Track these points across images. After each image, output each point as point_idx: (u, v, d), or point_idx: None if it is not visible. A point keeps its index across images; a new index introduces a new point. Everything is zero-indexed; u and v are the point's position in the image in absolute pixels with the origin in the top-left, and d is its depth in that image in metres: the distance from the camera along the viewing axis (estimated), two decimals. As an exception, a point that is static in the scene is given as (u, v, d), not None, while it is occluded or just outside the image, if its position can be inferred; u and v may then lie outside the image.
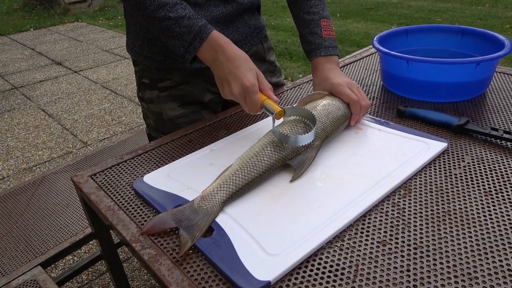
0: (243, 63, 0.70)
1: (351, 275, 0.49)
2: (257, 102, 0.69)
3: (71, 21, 6.60)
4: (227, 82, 0.71)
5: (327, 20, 0.87)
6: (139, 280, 1.57)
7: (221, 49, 0.72)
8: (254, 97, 0.69)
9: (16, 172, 2.38)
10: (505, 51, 0.85)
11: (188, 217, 0.58)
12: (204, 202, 0.60)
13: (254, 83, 0.69)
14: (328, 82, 0.81)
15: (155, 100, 0.95)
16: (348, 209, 0.58)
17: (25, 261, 1.02)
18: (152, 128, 1.01)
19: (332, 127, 0.74)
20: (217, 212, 0.59)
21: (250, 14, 0.95)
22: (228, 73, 0.70)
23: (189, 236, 0.55)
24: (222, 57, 0.72)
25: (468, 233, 0.54)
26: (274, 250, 0.52)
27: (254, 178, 0.64)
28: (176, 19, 0.73)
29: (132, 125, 2.84)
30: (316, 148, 0.70)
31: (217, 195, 0.61)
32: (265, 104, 0.70)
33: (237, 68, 0.70)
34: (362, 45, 4.10)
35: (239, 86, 0.69)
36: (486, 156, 0.70)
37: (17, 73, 4.15)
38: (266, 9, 6.32)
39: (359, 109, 0.78)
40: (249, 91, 0.68)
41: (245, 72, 0.69)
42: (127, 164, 0.77)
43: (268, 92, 0.71)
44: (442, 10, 5.32)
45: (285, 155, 0.67)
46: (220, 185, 0.62)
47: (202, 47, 0.73)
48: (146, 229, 0.58)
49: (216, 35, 0.74)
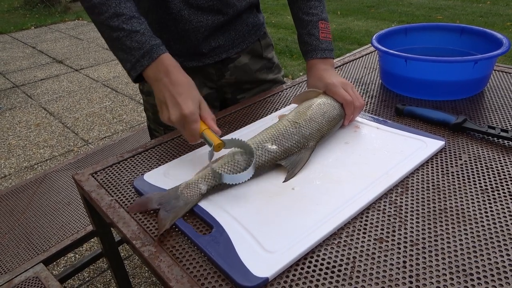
0: (185, 90, 0.68)
1: (348, 272, 0.50)
2: (196, 131, 0.66)
3: (72, 19, 6.60)
4: (166, 107, 0.68)
5: (325, 22, 0.88)
6: (140, 277, 1.59)
7: (166, 71, 0.69)
8: (193, 126, 0.66)
9: (17, 170, 2.39)
10: (503, 49, 0.85)
11: (169, 201, 0.62)
12: (186, 189, 0.63)
13: (193, 111, 0.66)
14: (323, 82, 0.81)
15: (152, 92, 0.96)
16: (346, 206, 0.59)
17: (27, 258, 1.03)
18: (151, 120, 1.03)
19: (327, 126, 0.74)
20: (196, 201, 0.62)
21: (249, 13, 0.96)
22: (169, 98, 0.67)
23: (166, 219, 0.59)
24: (165, 80, 0.69)
25: (464, 230, 0.55)
26: (272, 247, 0.53)
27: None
28: (130, 32, 0.70)
29: (133, 123, 2.85)
30: (310, 149, 0.70)
31: (199, 185, 0.63)
32: (204, 135, 0.67)
33: (179, 95, 0.67)
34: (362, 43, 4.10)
35: (178, 114, 0.66)
36: (483, 154, 0.71)
37: (18, 72, 4.15)
38: (266, 7, 6.31)
39: (353, 109, 0.78)
40: (188, 120, 0.66)
41: (186, 99, 0.67)
42: (128, 162, 0.78)
43: (209, 122, 0.68)
44: (443, 8, 5.31)
45: (275, 156, 0.68)
46: (205, 176, 0.64)
47: (149, 66, 0.70)
48: (131, 207, 0.62)
49: (166, 57, 0.71)
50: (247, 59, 1.01)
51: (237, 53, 0.98)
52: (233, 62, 0.99)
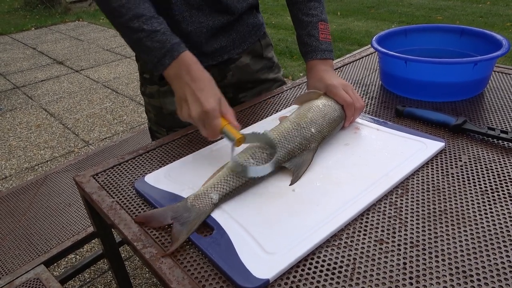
0: (207, 86, 0.68)
1: (348, 273, 0.50)
2: (217, 127, 0.66)
3: (72, 20, 6.61)
4: (186, 103, 0.68)
5: (325, 23, 0.88)
6: (140, 278, 1.59)
7: (187, 68, 0.70)
8: (214, 121, 0.66)
9: (18, 171, 2.39)
10: (502, 51, 0.85)
11: (181, 215, 0.59)
12: (197, 201, 0.61)
13: (215, 107, 0.66)
14: (323, 83, 0.81)
15: (155, 94, 0.97)
16: (346, 208, 0.59)
17: (28, 259, 1.03)
18: (153, 122, 1.03)
19: (328, 128, 0.74)
20: (209, 211, 0.60)
21: (249, 13, 0.97)
22: (190, 94, 0.68)
23: (180, 233, 0.57)
24: (186, 77, 0.69)
25: (464, 231, 0.55)
26: (273, 248, 0.53)
27: (248, 180, 0.64)
28: (150, 32, 0.70)
29: (134, 124, 2.85)
30: (313, 151, 0.71)
31: (210, 195, 0.62)
32: (225, 130, 0.67)
33: (200, 91, 0.67)
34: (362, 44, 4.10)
35: (199, 110, 0.66)
36: (483, 155, 0.71)
37: (18, 73, 4.16)
38: (266, 7, 6.32)
39: (353, 111, 0.78)
40: (209, 115, 0.66)
41: (207, 95, 0.67)
42: (129, 164, 0.78)
43: (229, 118, 0.68)
44: (443, 8, 5.31)
45: (279, 158, 0.68)
46: (214, 185, 0.63)
47: (171, 65, 0.71)
48: (142, 220, 0.61)
49: (187, 55, 0.71)
50: (248, 59, 1.02)
51: (238, 54, 0.98)
52: (235, 63, 0.99)
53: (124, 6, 0.71)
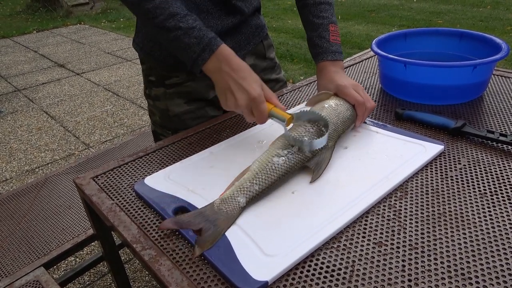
0: (248, 74, 0.71)
1: (347, 275, 0.50)
2: (265, 111, 0.69)
3: (74, 24, 6.63)
4: (231, 93, 0.70)
5: (335, 26, 0.89)
6: (140, 281, 1.59)
7: (226, 59, 0.72)
8: (261, 106, 0.69)
9: (18, 174, 2.40)
10: (502, 54, 0.86)
11: (208, 219, 0.58)
12: (224, 205, 0.60)
13: (260, 93, 0.69)
14: (334, 83, 0.82)
15: (161, 97, 0.97)
16: (345, 210, 0.59)
17: (28, 262, 1.03)
18: (158, 125, 1.03)
19: (343, 127, 0.75)
20: (237, 215, 0.59)
21: (252, 16, 0.98)
22: (233, 84, 0.70)
23: (208, 238, 0.55)
24: (226, 68, 0.71)
25: (463, 234, 0.55)
26: (272, 251, 0.53)
27: (274, 181, 0.64)
28: (186, 29, 0.72)
29: (134, 127, 2.86)
30: (331, 149, 0.72)
31: (238, 198, 0.61)
32: (273, 113, 0.70)
33: (242, 79, 0.70)
34: (363, 47, 4.11)
35: (245, 97, 0.69)
36: (482, 158, 0.71)
37: (20, 75, 4.17)
38: (267, 11, 6.34)
39: (364, 110, 0.79)
40: (256, 101, 0.68)
41: (251, 82, 0.70)
42: (129, 166, 0.78)
43: (274, 101, 0.71)
44: (443, 12, 5.32)
45: (303, 158, 0.68)
46: (241, 188, 0.62)
47: (210, 59, 0.73)
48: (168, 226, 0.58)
49: (224, 47, 0.73)
50: (252, 60, 1.03)
51: (243, 55, 0.99)
52: None
53: (158, 7, 0.72)
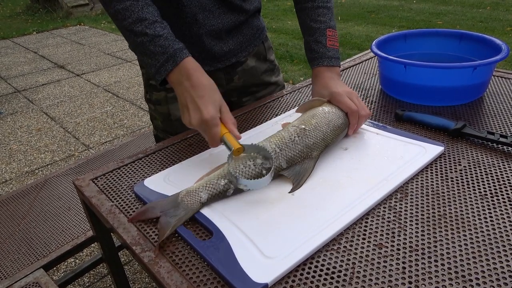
0: (206, 93, 0.68)
1: (347, 277, 0.50)
2: (216, 136, 0.67)
3: (74, 25, 6.64)
4: (187, 110, 0.69)
5: (333, 30, 0.87)
6: (140, 282, 1.58)
7: (187, 74, 0.70)
8: (213, 130, 0.66)
9: (18, 175, 2.39)
10: (501, 55, 0.86)
11: (169, 209, 0.61)
12: (187, 197, 0.63)
13: (214, 116, 0.66)
14: (328, 90, 0.80)
15: (162, 101, 0.97)
16: (345, 212, 0.59)
17: (28, 263, 1.03)
18: (160, 129, 1.02)
19: (332, 135, 0.73)
20: (196, 209, 0.62)
21: (253, 17, 0.98)
22: (190, 101, 0.68)
23: (167, 226, 0.58)
24: (186, 83, 0.69)
25: (464, 236, 0.55)
26: (272, 253, 0.53)
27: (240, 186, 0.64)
28: (153, 36, 0.70)
29: (134, 128, 2.85)
30: (314, 159, 0.70)
31: (200, 193, 0.63)
32: (224, 139, 0.67)
33: (199, 98, 0.67)
34: (363, 48, 4.11)
35: (198, 117, 0.67)
36: (482, 160, 0.71)
37: (19, 77, 4.17)
38: (267, 12, 6.34)
39: (357, 119, 0.77)
40: (209, 123, 0.66)
41: (207, 103, 0.67)
42: (128, 167, 0.78)
43: (230, 126, 0.68)
44: (443, 13, 5.32)
45: (277, 166, 0.67)
46: (206, 184, 0.64)
47: (173, 71, 0.71)
48: (132, 217, 0.63)
49: (189, 61, 0.71)
50: (254, 62, 1.03)
51: (244, 57, 0.99)
52: (241, 66, 1.00)
53: (127, 9, 0.71)
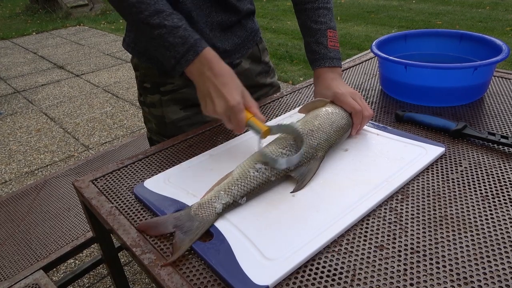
0: (229, 80, 0.69)
1: (348, 279, 0.50)
2: (243, 121, 0.67)
3: (73, 25, 6.63)
4: (210, 99, 0.68)
5: (333, 31, 0.87)
6: (140, 283, 1.58)
7: (209, 63, 0.70)
8: (239, 115, 0.66)
9: (18, 175, 2.39)
10: (502, 56, 0.86)
11: (184, 223, 0.58)
12: (200, 210, 0.60)
13: (239, 101, 0.66)
14: (331, 91, 0.80)
15: (157, 104, 0.96)
16: (346, 213, 0.59)
17: (27, 265, 1.03)
18: (154, 132, 1.02)
19: (335, 136, 0.73)
20: (212, 221, 0.59)
21: (247, 18, 0.98)
22: (214, 90, 0.68)
23: (182, 242, 0.56)
24: (208, 72, 0.69)
25: (465, 237, 0.55)
26: (273, 255, 0.52)
27: (253, 189, 0.63)
28: (172, 28, 0.70)
29: (134, 129, 2.85)
30: (319, 159, 0.69)
31: (214, 204, 0.61)
32: (251, 123, 0.67)
33: (223, 85, 0.68)
34: (362, 48, 4.11)
35: (223, 105, 0.67)
36: (483, 161, 0.71)
37: (19, 77, 4.17)
38: (267, 12, 6.34)
39: (361, 119, 0.77)
40: (235, 109, 0.66)
41: (231, 90, 0.67)
42: (128, 169, 0.78)
43: (254, 110, 0.69)
44: (442, 13, 5.33)
45: (280, 171, 0.66)
46: (218, 194, 0.62)
47: (193, 61, 0.70)
48: (143, 228, 0.60)
49: (209, 51, 0.71)
50: (248, 64, 1.02)
51: (238, 58, 0.99)
52: (236, 68, 1.00)
53: (143, 2, 0.70)
